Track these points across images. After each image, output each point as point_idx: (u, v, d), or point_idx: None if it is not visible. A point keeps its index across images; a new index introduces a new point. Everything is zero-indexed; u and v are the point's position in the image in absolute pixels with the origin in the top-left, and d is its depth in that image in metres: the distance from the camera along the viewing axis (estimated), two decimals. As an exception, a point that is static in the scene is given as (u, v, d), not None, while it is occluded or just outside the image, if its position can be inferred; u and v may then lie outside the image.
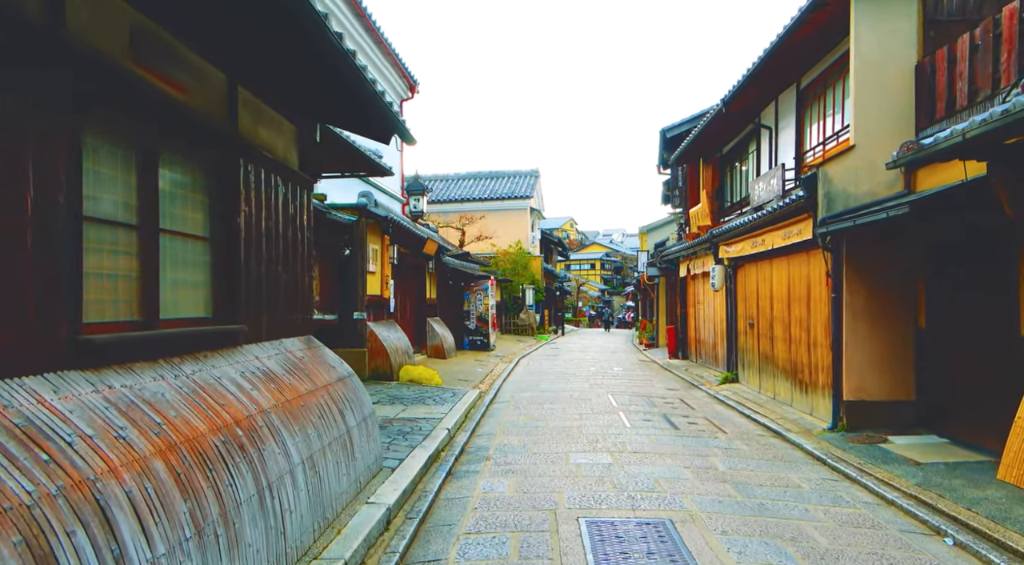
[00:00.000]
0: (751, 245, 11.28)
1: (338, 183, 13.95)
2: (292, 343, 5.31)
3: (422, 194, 15.49)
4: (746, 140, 15.20)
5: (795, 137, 12.09)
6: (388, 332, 12.45)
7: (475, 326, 22.06)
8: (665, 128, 19.47)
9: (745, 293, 12.55)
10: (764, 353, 11.38)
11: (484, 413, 9.89)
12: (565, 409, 10.16)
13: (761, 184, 11.52)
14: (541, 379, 14.29)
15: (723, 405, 10.97)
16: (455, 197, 34.56)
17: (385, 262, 12.76)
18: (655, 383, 13.73)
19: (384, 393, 10.42)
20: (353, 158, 9.60)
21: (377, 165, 9.98)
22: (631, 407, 10.37)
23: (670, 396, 11.82)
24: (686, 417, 9.63)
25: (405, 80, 17.95)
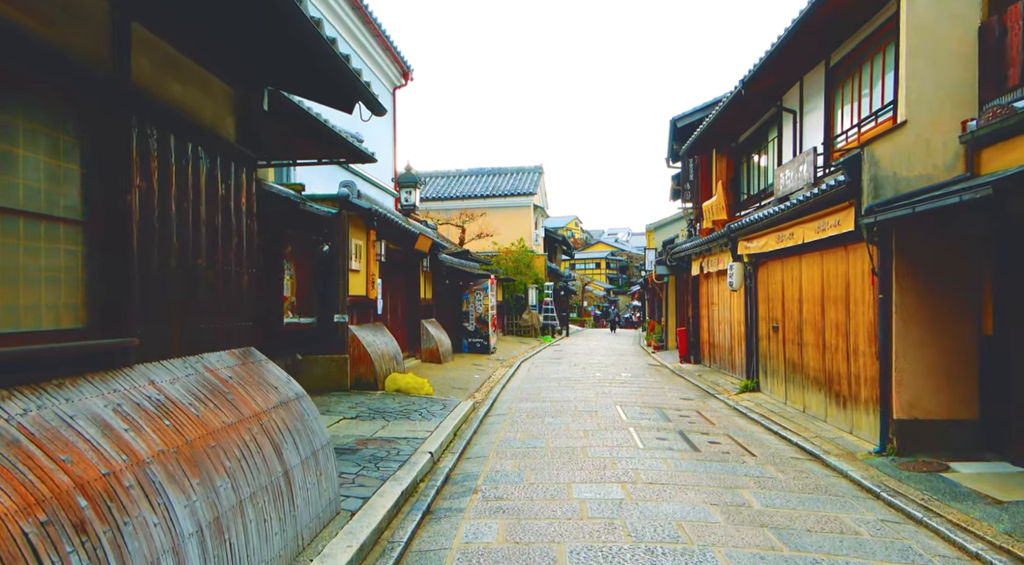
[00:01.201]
0: (776, 240, 10.10)
1: (321, 173, 12.82)
2: (218, 358, 4.16)
3: (415, 187, 14.36)
4: (765, 127, 14.02)
5: (823, 120, 10.90)
6: (374, 336, 11.31)
7: (474, 328, 20.91)
8: (675, 117, 18.28)
9: (768, 293, 11.36)
10: (791, 360, 10.20)
11: (477, 429, 8.74)
12: (568, 424, 9.01)
13: (787, 172, 10.33)
14: (543, 387, 13.13)
15: (746, 419, 9.79)
16: (456, 194, 33.45)
17: (371, 259, 11.62)
18: (667, 392, 12.56)
19: (365, 406, 9.28)
20: (327, 140, 8.46)
21: (356, 149, 8.84)
22: (642, 421, 9.21)
23: (685, 407, 10.65)
24: (705, 435, 8.46)
25: (397, 65, 16.81)
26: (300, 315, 10.09)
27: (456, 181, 35.18)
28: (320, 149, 9.22)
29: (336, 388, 10.35)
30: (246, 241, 4.74)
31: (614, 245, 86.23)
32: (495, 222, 30.48)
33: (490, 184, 34.44)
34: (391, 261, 13.57)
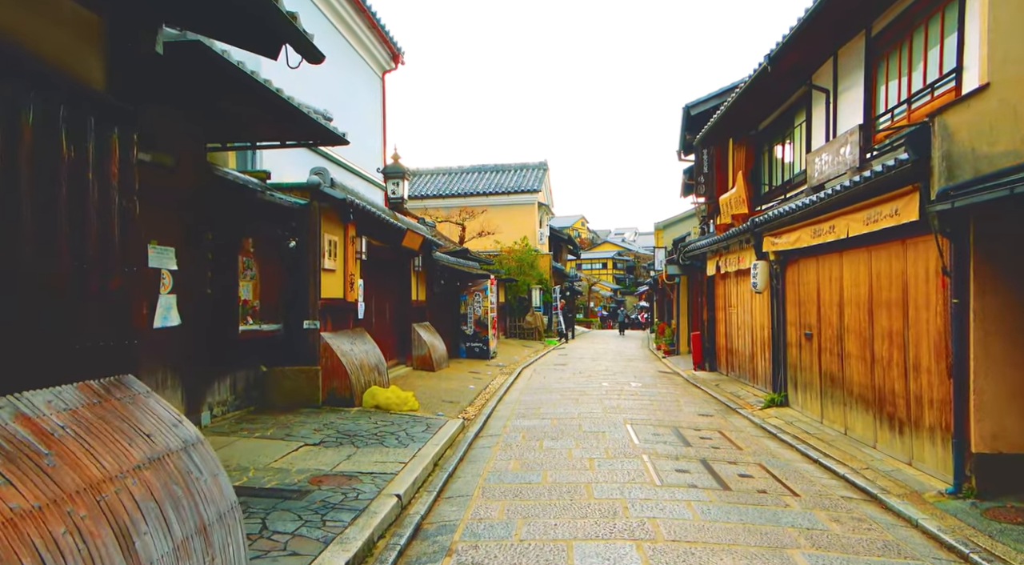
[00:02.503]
0: (811, 234, 8.74)
1: (296, 164, 11.51)
2: (50, 399, 2.84)
3: (402, 178, 13.05)
4: (791, 111, 12.65)
5: (863, 99, 9.54)
6: (351, 345, 10.00)
7: (473, 331, 19.59)
8: (689, 103, 16.93)
9: (799, 295, 10.00)
10: (828, 373, 8.84)
11: (463, 456, 7.43)
12: (571, 450, 7.68)
13: (824, 157, 8.98)
14: (544, 399, 11.80)
15: (777, 442, 8.44)
16: (457, 192, 32.18)
17: (349, 257, 10.31)
18: (683, 406, 11.21)
19: (334, 428, 7.97)
20: (288, 117, 7.17)
21: (322, 128, 7.55)
22: (658, 446, 7.87)
23: (705, 427, 9.30)
24: (733, 464, 7.12)
25: (387, 47, 15.51)
26: (263, 321, 8.79)
27: (457, 178, 33.91)
28: (280, 128, 7.94)
29: (306, 404, 9.05)
30: (119, 228, 3.43)
31: (621, 245, 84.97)
32: (497, 220, 29.17)
33: (492, 181, 33.14)
34: (376, 260, 12.27)
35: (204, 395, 7.71)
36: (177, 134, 7.18)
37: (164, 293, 7.15)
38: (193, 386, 7.57)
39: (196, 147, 7.63)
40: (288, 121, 7.43)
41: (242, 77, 5.37)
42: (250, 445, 6.89)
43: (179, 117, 7.15)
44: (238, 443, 6.95)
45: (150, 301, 6.96)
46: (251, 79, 5.48)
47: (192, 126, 7.42)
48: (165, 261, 7.20)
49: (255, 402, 8.88)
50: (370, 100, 15.57)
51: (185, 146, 7.33)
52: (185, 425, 3.41)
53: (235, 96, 6.33)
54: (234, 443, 6.94)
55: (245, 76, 5.36)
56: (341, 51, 13.89)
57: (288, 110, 6.70)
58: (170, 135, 7.01)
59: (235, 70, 5.36)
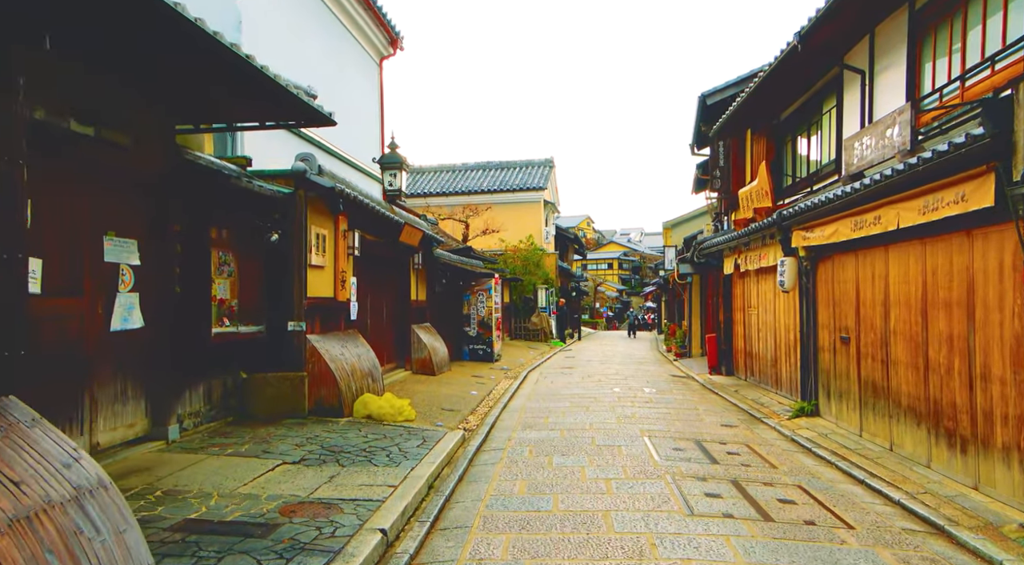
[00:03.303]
0: (851, 227, 7.85)
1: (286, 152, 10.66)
2: None
3: (400, 169, 12.18)
4: (819, 97, 11.76)
5: (905, 78, 8.66)
6: (342, 348, 9.15)
7: (476, 333, 18.74)
8: (705, 93, 16.02)
9: (833, 295, 9.10)
10: (871, 382, 7.94)
11: (463, 475, 6.57)
12: (584, 468, 6.81)
13: (866, 140, 8.08)
14: (552, 407, 10.93)
15: (815, 459, 7.55)
16: (461, 189, 31.32)
17: (340, 253, 9.46)
18: (703, 415, 10.32)
19: (318, 442, 7.11)
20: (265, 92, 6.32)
21: (304, 106, 6.70)
22: (681, 464, 6.99)
23: (731, 440, 8.42)
24: (770, 486, 6.24)
25: (384, 31, 14.65)
26: (243, 322, 7.95)
27: (461, 175, 33.07)
28: (259, 107, 7.09)
29: (290, 414, 8.21)
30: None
31: (627, 245, 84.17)
32: (502, 218, 28.31)
33: (497, 179, 32.29)
34: (371, 256, 11.43)
35: (172, 406, 6.86)
36: (136, 111, 6.34)
37: (124, 291, 6.32)
38: (159, 396, 6.73)
39: (161, 127, 6.79)
40: (266, 98, 6.58)
41: (199, 34, 4.51)
42: (219, 464, 6.04)
43: (137, 91, 6.31)
44: (206, 462, 6.10)
45: (107, 300, 6.13)
46: (209, 37, 4.62)
47: (155, 103, 6.57)
48: (125, 255, 6.37)
49: (233, 412, 8.04)
50: (367, 88, 14.72)
51: (147, 125, 6.49)
52: (82, 464, 2.57)
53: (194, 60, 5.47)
54: (201, 462, 6.09)
55: (202, 33, 4.49)
56: (334, 34, 13.05)
57: (261, 81, 5.85)
58: (126, 111, 6.17)
59: (191, 25, 4.50)
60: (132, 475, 5.58)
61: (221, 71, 5.65)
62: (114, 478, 5.55)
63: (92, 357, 5.91)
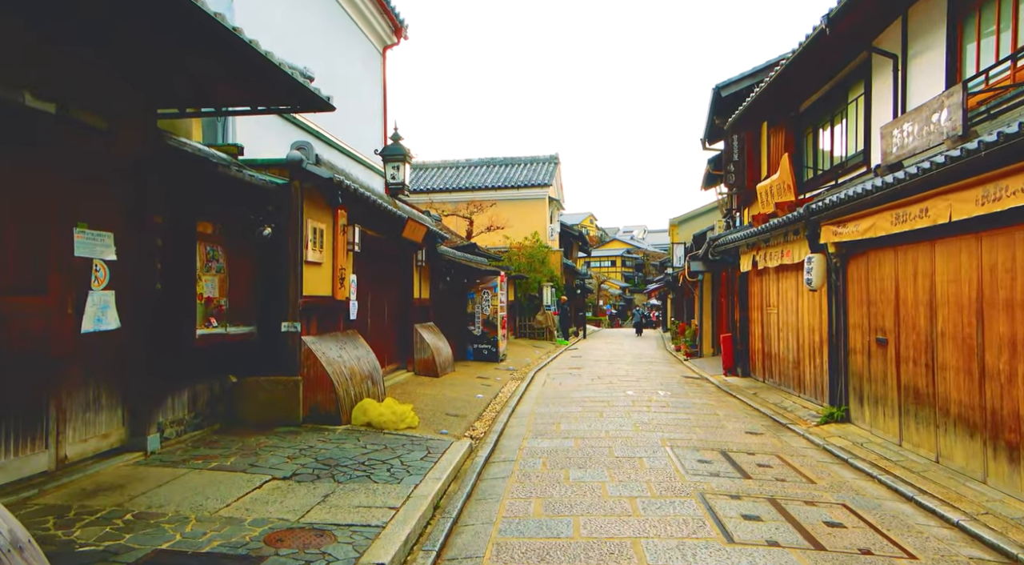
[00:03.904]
0: (891, 220, 7.23)
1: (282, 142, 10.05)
2: None
3: (404, 161, 11.56)
4: (843, 86, 11.14)
5: (945, 61, 8.05)
6: (340, 350, 8.55)
7: (481, 332, 18.14)
8: (719, 84, 15.39)
9: (867, 294, 8.48)
10: (912, 387, 7.33)
11: (471, 492, 5.97)
12: (605, 484, 6.20)
13: (907, 127, 7.45)
14: (563, 411, 10.33)
15: (854, 471, 6.94)
16: (465, 185, 30.74)
17: (339, 249, 8.86)
18: (724, 420, 9.71)
19: (312, 454, 6.51)
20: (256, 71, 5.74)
21: (300, 88, 6.12)
22: (710, 478, 6.39)
23: (759, 449, 7.81)
24: (812, 506, 5.63)
25: (388, 19, 14.03)
26: (232, 322, 7.36)
27: (465, 172, 32.49)
28: (249, 88, 6.50)
29: (284, 421, 7.62)
30: None
31: (629, 243, 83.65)
32: (506, 215, 27.71)
33: (502, 175, 31.72)
34: (372, 252, 10.83)
35: (152, 414, 6.27)
36: (112, 90, 5.75)
37: (97, 289, 5.73)
38: (137, 404, 6.14)
39: (141, 110, 6.19)
40: (257, 78, 5.99)
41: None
42: (201, 481, 5.44)
43: (113, 67, 5.72)
44: (186, 478, 5.50)
45: (77, 299, 5.53)
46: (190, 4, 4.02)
47: (134, 82, 5.98)
48: (99, 249, 5.77)
49: (221, 419, 7.45)
50: (369, 78, 14.11)
51: (125, 106, 5.90)
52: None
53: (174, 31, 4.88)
54: (181, 478, 5.49)
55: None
56: (335, 19, 12.44)
57: (250, 57, 5.25)
58: (99, 89, 5.58)
59: None
60: (101, 494, 4.98)
61: (205, 44, 5.05)
62: (81, 497, 4.98)
63: (60, 361, 5.32)
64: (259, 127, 9.23)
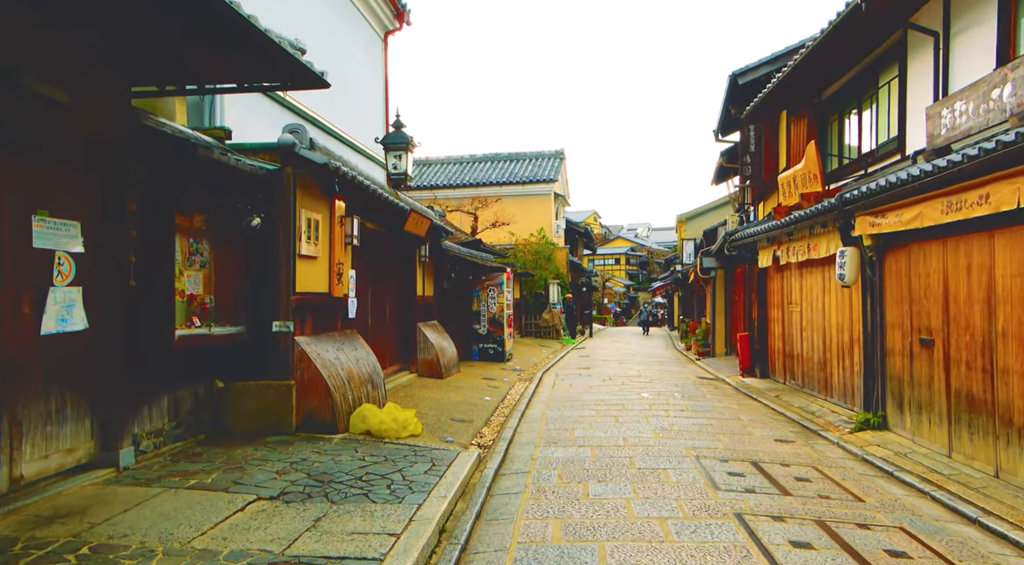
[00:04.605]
0: (942, 209, 6.57)
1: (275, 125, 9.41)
2: None
3: (406, 149, 10.91)
4: (873, 70, 10.47)
5: (997, 36, 7.38)
6: (336, 351, 7.92)
7: (487, 331, 17.49)
8: (736, 71, 14.71)
9: (908, 290, 7.82)
10: (966, 393, 6.66)
11: (480, 512, 5.34)
12: (630, 501, 5.55)
13: (959, 106, 6.79)
14: (576, 416, 9.68)
15: (903, 487, 6.27)
16: (469, 181, 30.09)
17: (337, 242, 8.22)
18: (749, 427, 9.05)
19: (304, 468, 5.87)
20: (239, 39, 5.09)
21: (291, 60, 5.45)
22: (746, 495, 5.74)
23: (792, 459, 7.15)
24: (866, 529, 4.99)
25: (391, 3, 13.38)
26: (218, 322, 6.72)
27: (469, 167, 31.85)
28: (234, 63, 5.85)
29: (275, 430, 6.98)
30: None
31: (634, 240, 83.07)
32: (511, 211, 27.04)
33: (506, 170, 31.07)
34: (373, 247, 10.19)
35: (126, 425, 5.64)
36: (78, 62, 5.11)
37: (61, 285, 5.09)
38: (108, 414, 5.51)
39: (113, 85, 5.56)
40: (243, 50, 5.35)
41: None
42: (176, 503, 4.81)
43: (78, 36, 5.08)
44: (159, 499, 4.87)
45: (35, 296, 4.90)
46: None
47: (104, 55, 5.34)
48: (62, 240, 5.14)
49: (206, 428, 6.82)
50: (370, 64, 13.46)
51: (93, 81, 5.27)
52: None
53: None
54: (153, 499, 4.86)
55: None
56: (334, 4, 11.79)
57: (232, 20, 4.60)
58: (63, 61, 4.95)
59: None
60: (58, 521, 4.34)
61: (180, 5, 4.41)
62: (34, 526, 4.31)
63: (14, 367, 4.69)
64: (249, 111, 8.60)
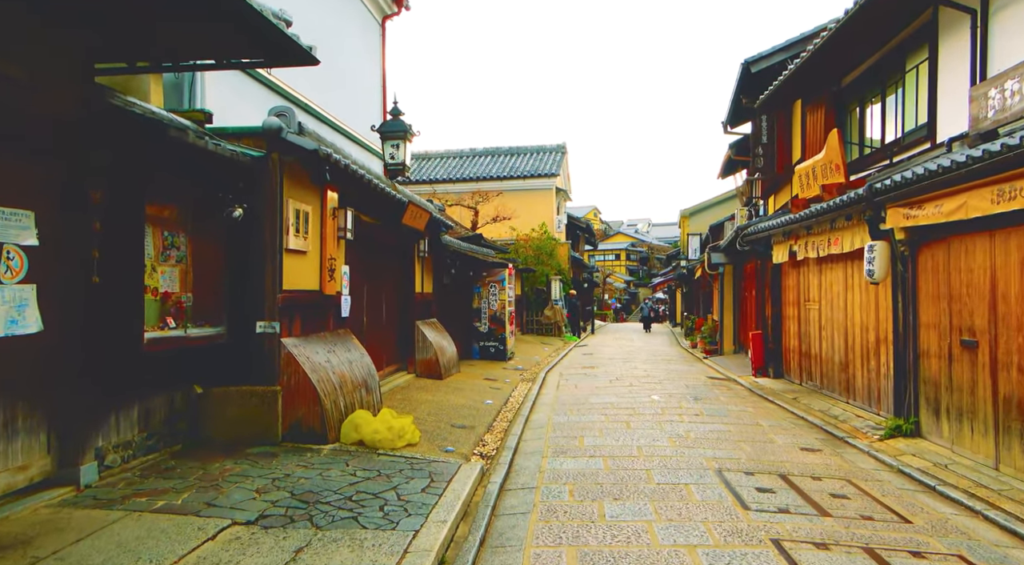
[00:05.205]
0: (992, 198, 5.97)
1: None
2: None
3: (403, 139, 10.30)
4: (899, 54, 9.85)
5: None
6: (328, 353, 7.32)
7: (488, 329, 16.91)
8: (749, 59, 14.08)
9: (948, 287, 7.23)
10: (1015, 400, 6.07)
11: (483, 539, 4.75)
12: (652, 525, 4.97)
13: (1010, 85, 6.17)
14: (583, 421, 9.10)
15: (950, 504, 5.69)
16: (469, 176, 29.50)
17: (328, 235, 7.63)
18: (770, 433, 8.47)
19: (287, 486, 5.28)
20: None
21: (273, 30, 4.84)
22: (780, 516, 5.16)
23: (822, 471, 6.57)
24: (920, 557, 4.40)
25: (387, -15, 12.76)
26: (196, 323, 6.13)
27: (469, 162, 31.25)
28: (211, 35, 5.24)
29: (260, 440, 6.40)
30: None
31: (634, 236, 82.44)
32: (512, 205, 26.44)
33: (507, 165, 30.48)
34: (368, 241, 9.59)
35: (88, 438, 5.05)
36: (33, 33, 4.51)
37: (10, 282, 4.50)
38: (67, 426, 4.92)
39: (75, 60, 4.96)
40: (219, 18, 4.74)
41: None
42: (137, 530, 4.21)
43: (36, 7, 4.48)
44: (120, 525, 4.28)
45: (-22, 294, 4.30)
46: None
47: (64, 25, 4.74)
48: (11, 232, 4.55)
49: (183, 438, 6.23)
50: (367, 51, 12.85)
51: (52, 54, 4.67)
52: None
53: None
54: (113, 525, 4.26)
55: None
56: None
57: None
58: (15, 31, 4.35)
59: None
60: (-3, 556, 3.77)
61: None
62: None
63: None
64: (235, 95, 8.00)
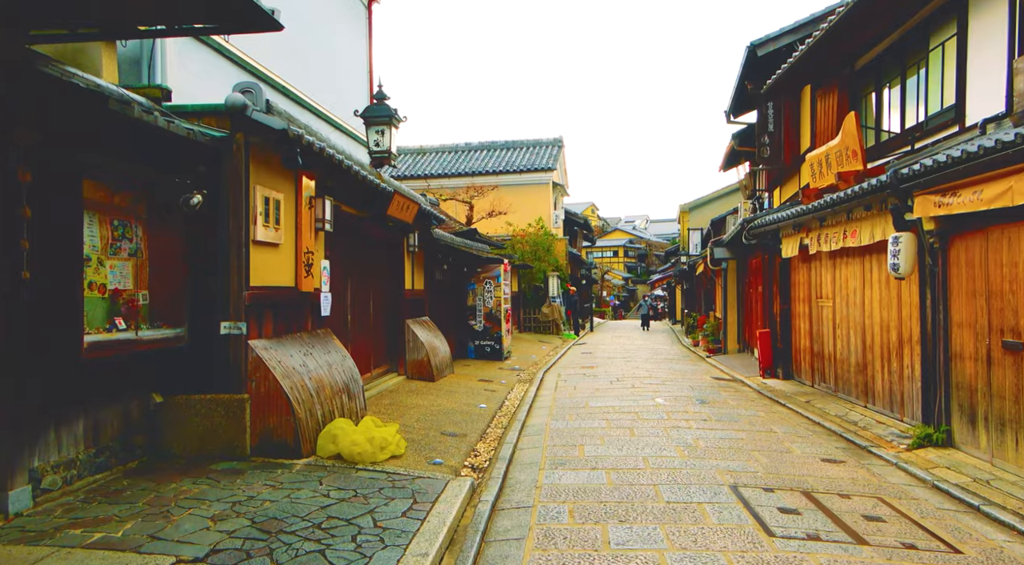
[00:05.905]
0: (1042, 182, 5.32)
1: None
2: None
3: (389, 124, 9.61)
4: (921, 32, 9.21)
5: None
6: (303, 356, 6.66)
7: (483, 327, 16.26)
8: (755, 42, 13.42)
9: (986, 283, 6.58)
10: (1068, 409, 5.44)
11: (474, 572, 4.10)
12: (662, 554, 4.31)
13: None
14: (584, 427, 8.45)
15: (1001, 529, 5.04)
16: (464, 170, 28.81)
17: (304, 227, 6.95)
18: (785, 441, 7.83)
19: (248, 512, 4.61)
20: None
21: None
22: (810, 542, 4.51)
23: (850, 488, 5.93)
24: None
25: (374, -36, 12.08)
26: (151, 324, 5.46)
27: (464, 156, 30.56)
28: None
29: (226, 454, 5.73)
30: None
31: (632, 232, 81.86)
32: (508, 200, 25.79)
33: (503, 159, 29.79)
34: (353, 234, 8.93)
35: (18, 458, 4.38)
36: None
37: (-87, 277, 3.80)
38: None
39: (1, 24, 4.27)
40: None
41: None
42: (61, 572, 3.55)
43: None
44: (44, 564, 3.62)
45: None
46: None
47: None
48: (-85, 217, 3.84)
49: (140, 454, 5.56)
50: (352, 34, 12.17)
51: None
52: None
53: None
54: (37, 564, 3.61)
55: None
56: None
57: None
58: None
59: None
60: None
61: None
62: None
63: None
64: (201, 73, 7.32)
